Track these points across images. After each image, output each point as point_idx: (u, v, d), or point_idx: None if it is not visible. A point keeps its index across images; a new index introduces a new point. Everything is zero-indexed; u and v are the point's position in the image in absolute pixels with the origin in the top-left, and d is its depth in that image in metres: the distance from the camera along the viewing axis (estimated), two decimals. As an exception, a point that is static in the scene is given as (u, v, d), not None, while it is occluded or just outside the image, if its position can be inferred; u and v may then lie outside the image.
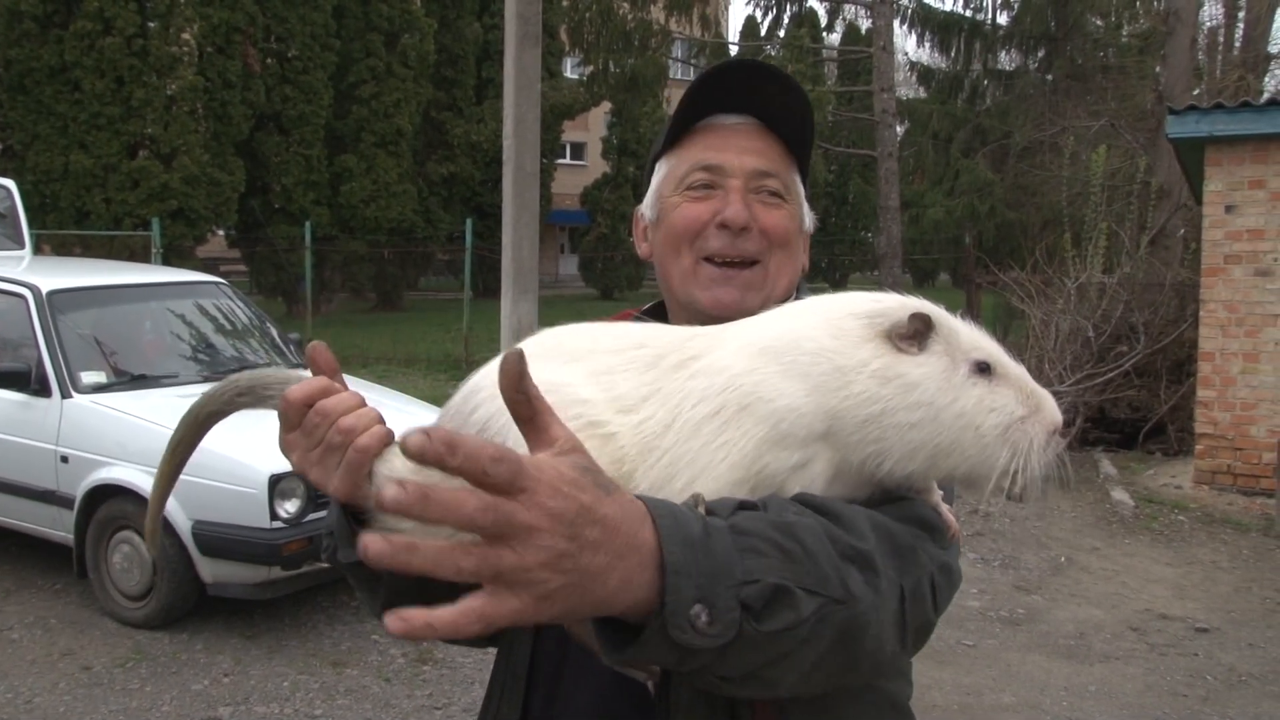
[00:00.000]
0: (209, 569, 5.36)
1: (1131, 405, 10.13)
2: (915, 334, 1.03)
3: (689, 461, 1.00)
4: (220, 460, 5.26)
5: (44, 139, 20.45)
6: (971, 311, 14.43)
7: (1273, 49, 20.40)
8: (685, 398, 1.02)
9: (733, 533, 0.90)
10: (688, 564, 0.84)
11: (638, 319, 1.42)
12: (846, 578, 0.95)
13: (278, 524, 5.21)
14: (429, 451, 0.72)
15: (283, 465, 5.24)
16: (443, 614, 0.74)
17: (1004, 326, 12.84)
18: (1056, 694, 5.00)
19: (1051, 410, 1.06)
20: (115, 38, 19.93)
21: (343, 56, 24.90)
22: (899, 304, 1.06)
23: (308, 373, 1.12)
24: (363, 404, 1.09)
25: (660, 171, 1.40)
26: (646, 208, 1.43)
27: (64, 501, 5.80)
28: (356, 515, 1.13)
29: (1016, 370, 1.07)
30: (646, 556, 0.83)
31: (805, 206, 1.41)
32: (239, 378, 1.18)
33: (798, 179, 1.39)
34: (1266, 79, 19.99)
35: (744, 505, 0.95)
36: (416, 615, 0.74)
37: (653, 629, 0.84)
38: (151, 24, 20.60)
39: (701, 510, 0.92)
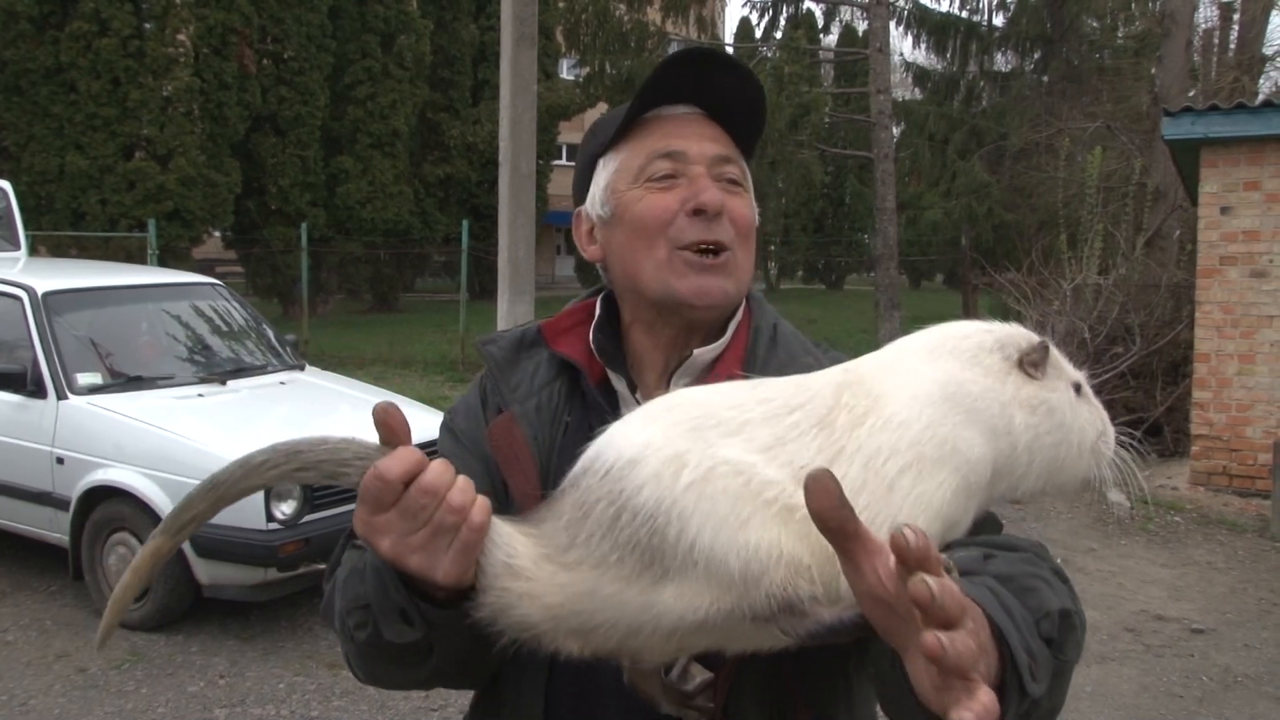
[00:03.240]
0: (205, 570, 5.35)
1: (1127, 406, 10.14)
2: (1039, 361, 1.08)
3: (888, 518, 0.98)
4: (215, 461, 5.21)
5: (40, 140, 20.42)
6: (968, 313, 14.45)
7: (1268, 51, 20.43)
8: (875, 454, 1.00)
9: (1000, 581, 0.93)
10: (1007, 622, 0.88)
11: (595, 338, 1.35)
12: (1070, 594, 1.01)
13: (274, 525, 5.21)
14: (914, 551, 0.75)
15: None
16: (989, 702, 0.77)
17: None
18: (1053, 695, 5.00)
19: (1110, 425, 1.14)
20: (111, 39, 19.90)
21: (339, 57, 24.87)
22: (1012, 331, 1.11)
23: (345, 434, 1.03)
24: (456, 474, 1.00)
25: (608, 167, 1.33)
26: (595, 206, 1.34)
27: (59, 503, 5.79)
28: (413, 588, 1.05)
29: (1089, 389, 1.15)
30: (988, 632, 0.86)
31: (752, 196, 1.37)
32: (298, 447, 1.00)
33: (747, 170, 1.35)
34: (1261, 81, 20.02)
35: (986, 555, 1.00)
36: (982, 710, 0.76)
37: (1012, 694, 0.86)
38: (147, 25, 20.57)
39: (956, 573, 0.93)
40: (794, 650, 1.05)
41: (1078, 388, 1.11)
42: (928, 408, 1.02)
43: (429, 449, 1.14)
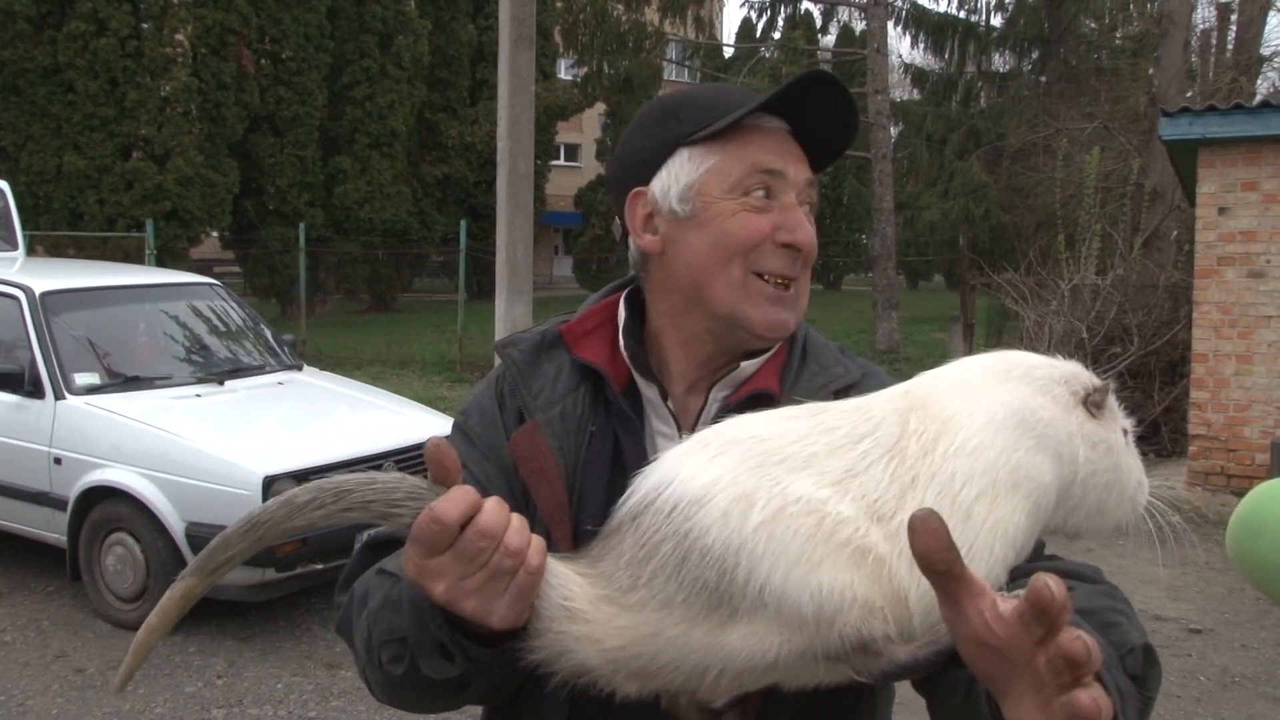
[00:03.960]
0: (203, 571, 5.34)
1: (1125, 406, 10.11)
2: (1102, 401, 1.08)
3: (966, 546, 0.96)
4: (213, 462, 5.25)
5: (37, 140, 20.40)
6: (966, 314, 14.45)
7: (1265, 52, 20.46)
8: (949, 481, 0.98)
9: (1083, 616, 0.92)
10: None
11: (627, 344, 1.31)
12: (1140, 624, 1.01)
13: (272, 526, 5.19)
14: (1059, 604, 0.74)
15: (276, 467, 5.22)
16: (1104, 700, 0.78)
17: (998, 328, 12.86)
18: (1050, 695, 5.00)
19: (1146, 477, 1.14)
20: (109, 39, 19.89)
21: (337, 58, 24.87)
22: (1076, 369, 1.10)
23: (385, 470, 0.99)
24: (511, 511, 0.97)
25: (697, 163, 1.25)
26: (669, 198, 1.26)
27: (57, 503, 5.79)
28: (456, 624, 1.01)
29: (1132, 439, 1.15)
30: None
31: None
32: (345, 486, 0.95)
33: None
34: (1259, 81, 20.05)
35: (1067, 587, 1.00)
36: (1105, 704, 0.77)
37: None
38: (145, 25, 20.56)
39: None
40: None
41: (1125, 434, 1.11)
42: (1001, 433, 1.00)
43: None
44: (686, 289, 1.26)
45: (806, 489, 0.94)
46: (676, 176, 1.26)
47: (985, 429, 1.00)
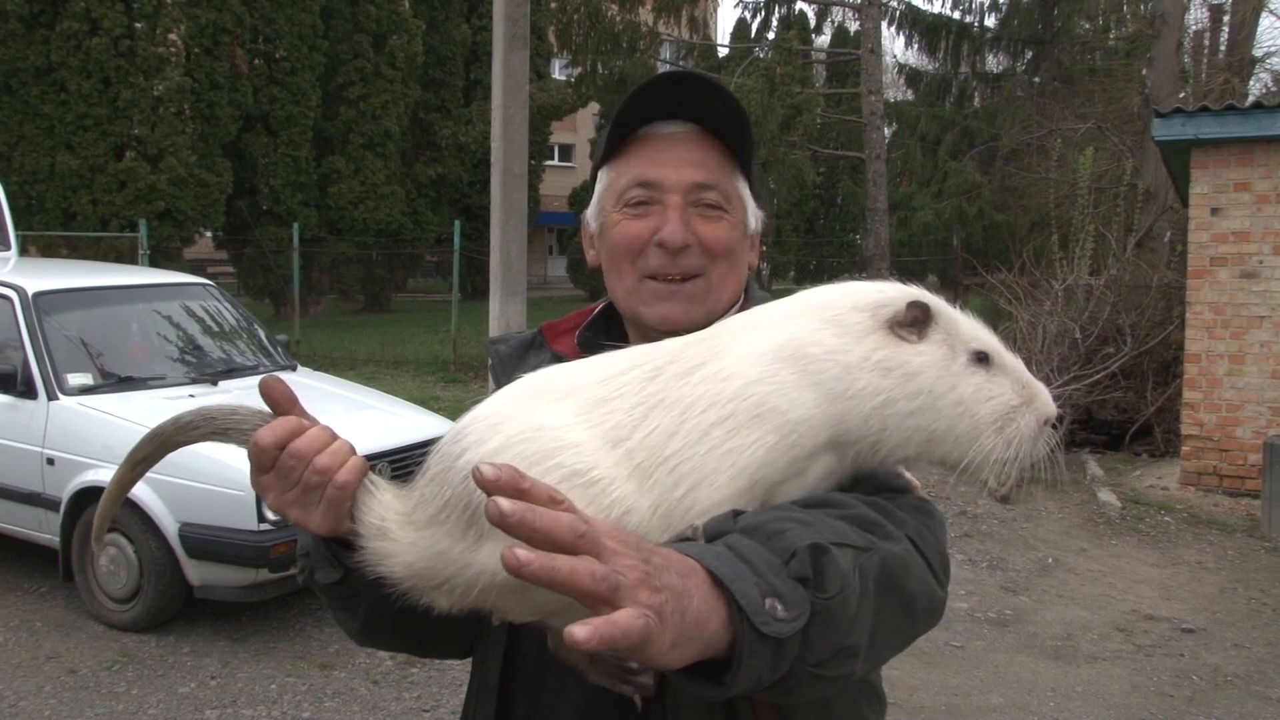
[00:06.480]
0: (196, 571, 5.34)
1: (1118, 406, 10.17)
2: (914, 322, 1.05)
3: (693, 468, 1.00)
4: (207, 463, 5.24)
5: (30, 140, 20.34)
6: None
7: (1257, 53, 20.50)
8: (693, 404, 1.01)
9: (745, 534, 0.94)
10: (736, 572, 0.88)
11: (580, 335, 1.44)
12: (858, 532, 1.01)
13: (265, 526, 5.19)
14: (504, 479, 0.79)
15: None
16: (618, 618, 0.77)
17: (991, 328, 12.81)
18: (1044, 695, 5.01)
19: (1045, 401, 1.08)
20: (102, 38, 19.84)
21: (331, 57, 24.83)
22: (901, 293, 1.08)
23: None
24: (334, 438, 1.10)
25: (602, 182, 1.38)
26: (591, 217, 1.41)
27: (50, 504, 5.77)
28: (337, 539, 1.14)
29: (1013, 362, 1.09)
30: (704, 579, 0.86)
31: (750, 207, 1.38)
32: (213, 414, 1.14)
33: (741, 183, 1.36)
34: (1251, 82, 20.07)
35: (736, 513, 0.99)
36: (598, 622, 0.76)
37: (746, 637, 0.86)
38: (138, 25, 20.50)
39: (702, 538, 0.95)
40: None
41: (981, 358, 1.06)
42: (756, 365, 1.03)
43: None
44: (610, 293, 1.42)
45: (548, 417, 1.01)
46: (595, 196, 1.40)
47: (743, 360, 1.03)
